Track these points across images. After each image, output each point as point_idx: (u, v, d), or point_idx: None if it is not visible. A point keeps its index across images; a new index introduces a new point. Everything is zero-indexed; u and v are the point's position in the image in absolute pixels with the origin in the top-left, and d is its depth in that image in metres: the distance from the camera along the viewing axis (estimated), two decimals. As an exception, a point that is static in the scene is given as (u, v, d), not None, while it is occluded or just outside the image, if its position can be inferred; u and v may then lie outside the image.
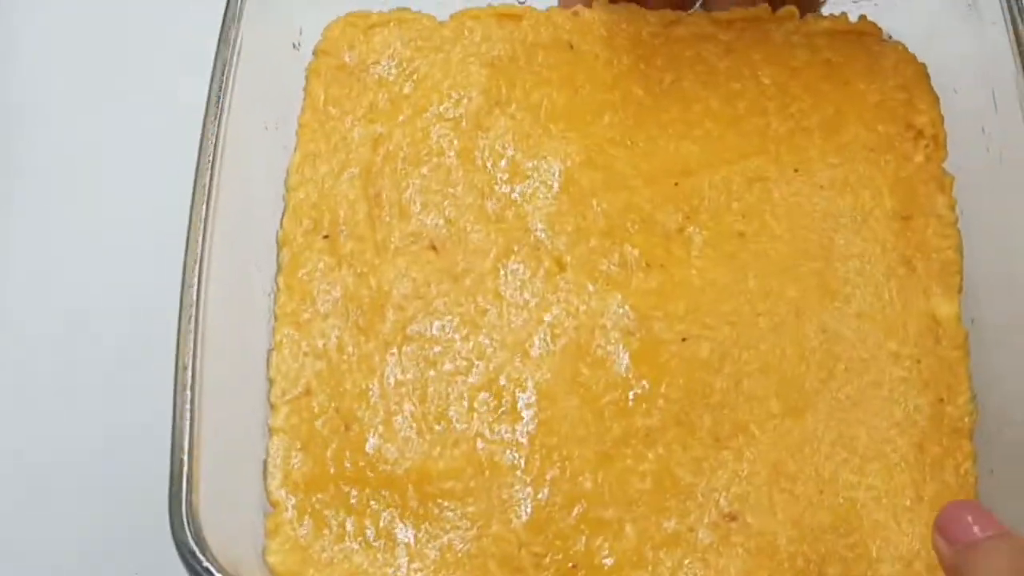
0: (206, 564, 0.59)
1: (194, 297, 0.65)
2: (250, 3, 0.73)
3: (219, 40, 0.71)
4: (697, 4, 0.79)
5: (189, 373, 0.63)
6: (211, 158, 0.68)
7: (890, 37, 0.78)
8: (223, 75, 0.70)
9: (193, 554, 0.60)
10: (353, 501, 0.67)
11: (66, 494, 0.77)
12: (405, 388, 0.69)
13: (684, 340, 0.70)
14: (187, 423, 0.62)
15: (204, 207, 0.67)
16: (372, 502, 0.67)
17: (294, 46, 0.78)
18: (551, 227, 0.73)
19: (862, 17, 0.78)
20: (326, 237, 0.73)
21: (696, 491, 0.67)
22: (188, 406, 0.63)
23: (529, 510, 0.66)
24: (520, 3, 0.80)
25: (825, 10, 0.78)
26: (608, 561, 0.66)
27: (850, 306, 0.71)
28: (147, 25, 0.91)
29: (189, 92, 0.71)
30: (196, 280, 0.66)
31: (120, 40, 0.90)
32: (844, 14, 0.78)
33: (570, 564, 0.65)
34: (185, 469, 0.61)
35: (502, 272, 0.72)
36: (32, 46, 0.91)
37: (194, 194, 0.67)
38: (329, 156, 0.75)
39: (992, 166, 0.73)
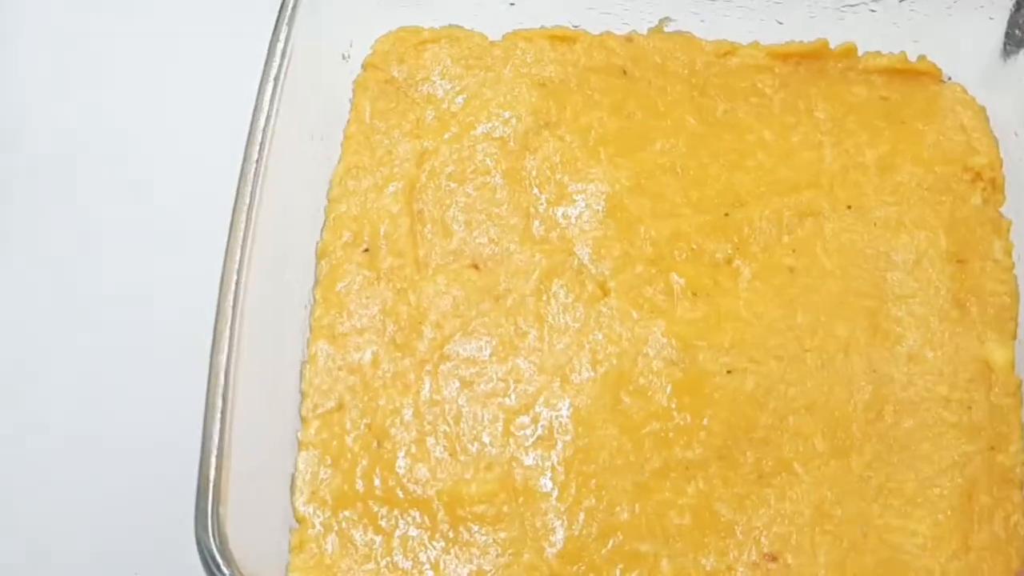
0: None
1: (230, 303, 0.64)
2: (301, 11, 0.72)
3: (269, 45, 0.70)
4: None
5: (222, 378, 0.62)
6: (255, 163, 0.67)
7: (949, 79, 0.77)
8: (273, 80, 0.69)
9: (217, 565, 0.58)
10: (382, 520, 0.65)
11: (67, 495, 0.75)
12: (439, 408, 0.68)
13: (729, 372, 0.68)
14: (217, 427, 0.61)
15: (245, 213, 0.66)
16: (401, 522, 0.65)
17: (343, 57, 0.77)
18: (596, 251, 0.71)
19: (921, 57, 0.77)
20: (366, 251, 0.72)
21: (736, 529, 0.65)
22: (219, 412, 0.61)
23: (562, 539, 0.64)
24: (574, 26, 0.78)
25: (884, 48, 0.77)
26: (643, 597, 0.64)
27: (900, 347, 0.69)
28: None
29: (225, 90, 0.70)
30: (233, 286, 0.64)
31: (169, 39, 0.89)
32: (903, 53, 0.77)
33: (603, 598, 0.64)
34: (212, 475, 0.60)
35: (544, 294, 0.70)
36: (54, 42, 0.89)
37: (236, 198, 0.66)
38: (373, 169, 0.74)
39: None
